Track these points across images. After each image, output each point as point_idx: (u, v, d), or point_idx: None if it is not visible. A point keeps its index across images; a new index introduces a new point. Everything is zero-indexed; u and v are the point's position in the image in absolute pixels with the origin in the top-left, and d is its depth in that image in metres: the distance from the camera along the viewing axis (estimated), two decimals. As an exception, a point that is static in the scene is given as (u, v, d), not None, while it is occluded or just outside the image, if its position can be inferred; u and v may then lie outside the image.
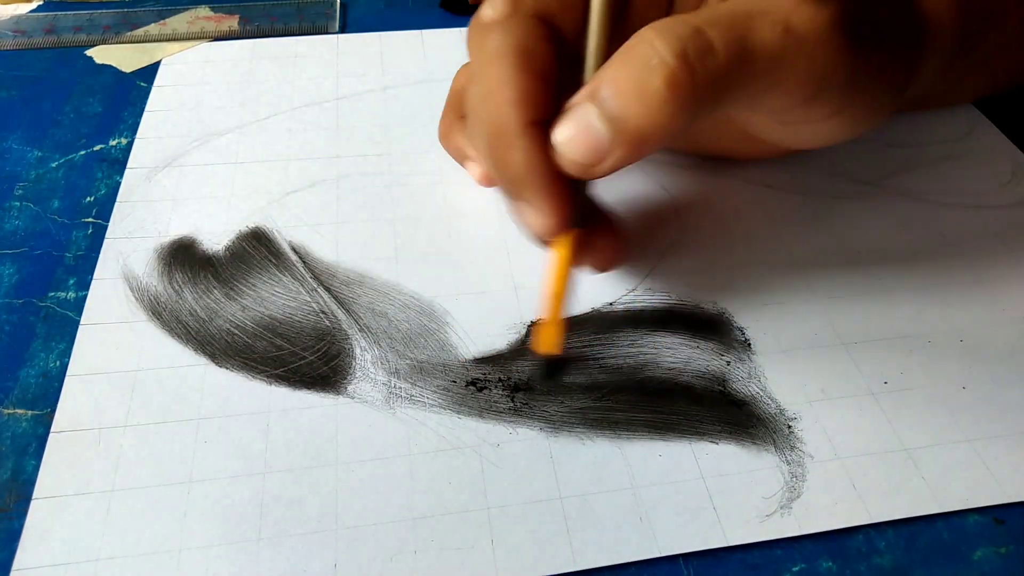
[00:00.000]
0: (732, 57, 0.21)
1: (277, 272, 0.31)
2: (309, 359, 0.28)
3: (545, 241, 0.26)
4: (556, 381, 0.28)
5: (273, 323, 0.29)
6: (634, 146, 0.22)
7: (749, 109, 0.24)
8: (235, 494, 0.25)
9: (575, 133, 0.22)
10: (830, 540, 0.25)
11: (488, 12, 0.24)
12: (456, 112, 0.32)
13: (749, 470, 0.26)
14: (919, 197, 0.36)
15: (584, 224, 0.26)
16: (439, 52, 0.44)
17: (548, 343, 0.27)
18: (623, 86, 0.21)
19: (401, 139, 0.38)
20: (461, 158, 0.33)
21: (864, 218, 0.35)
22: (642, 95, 0.21)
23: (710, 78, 0.21)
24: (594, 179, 0.24)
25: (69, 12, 0.45)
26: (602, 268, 0.28)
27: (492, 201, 0.34)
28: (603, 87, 0.21)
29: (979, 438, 0.27)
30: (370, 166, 0.36)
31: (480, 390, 0.28)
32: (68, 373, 0.28)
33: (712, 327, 0.30)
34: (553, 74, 0.23)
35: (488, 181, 0.32)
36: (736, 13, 0.21)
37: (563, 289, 0.26)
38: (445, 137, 0.33)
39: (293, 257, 0.32)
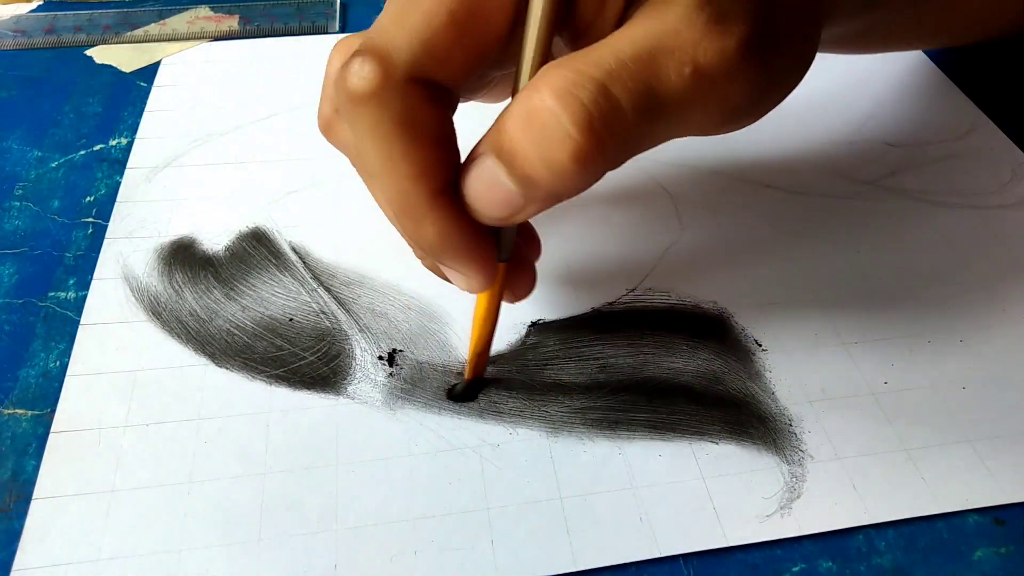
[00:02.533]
0: (641, 114, 0.19)
1: (277, 272, 0.31)
2: (309, 359, 0.28)
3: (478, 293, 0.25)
4: (468, 400, 0.28)
5: (273, 323, 0.29)
6: (548, 203, 0.21)
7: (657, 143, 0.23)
8: (235, 495, 0.25)
9: (485, 191, 0.21)
10: (830, 540, 0.25)
11: (356, 83, 0.20)
12: (333, 103, 0.27)
13: (749, 470, 0.26)
14: (919, 197, 0.36)
15: (508, 258, 0.25)
16: (439, 52, 0.44)
17: (474, 371, 0.27)
18: (528, 149, 0.19)
19: (401, 139, 0.38)
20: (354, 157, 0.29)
21: (864, 218, 0.35)
22: (549, 164, 0.19)
23: (619, 140, 0.19)
24: (515, 224, 0.23)
25: (69, 12, 0.45)
26: (516, 299, 0.27)
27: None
28: (506, 142, 0.20)
29: (979, 438, 0.27)
30: (370, 166, 0.36)
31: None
32: (68, 373, 0.28)
33: (712, 327, 0.30)
34: (447, 134, 0.22)
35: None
36: (640, 56, 0.20)
37: (494, 321, 0.26)
38: (328, 130, 0.27)
39: (293, 257, 0.32)
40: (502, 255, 0.24)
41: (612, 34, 0.20)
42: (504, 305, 0.31)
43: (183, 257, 0.32)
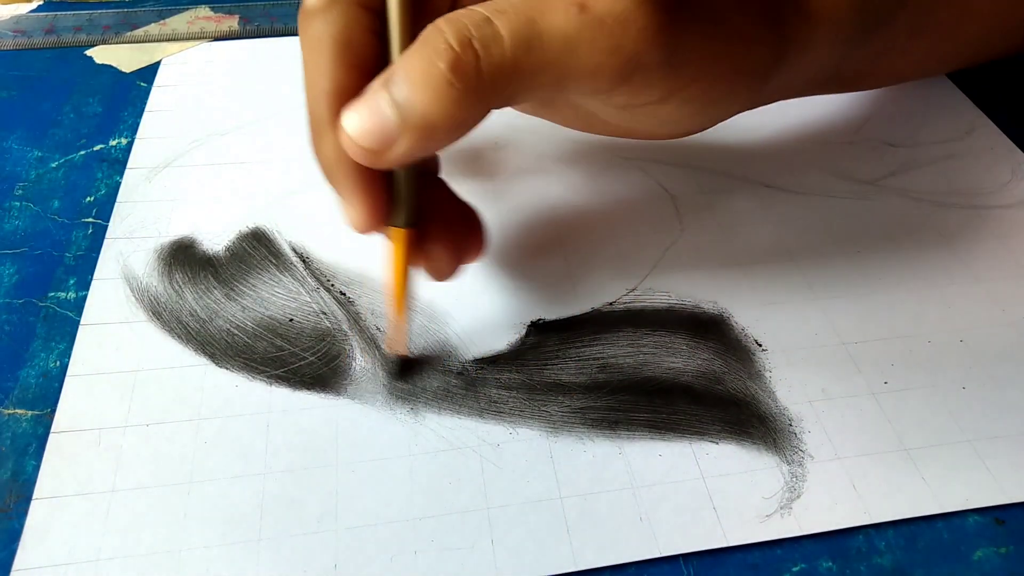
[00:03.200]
0: (519, 43, 0.20)
1: (277, 272, 0.31)
2: (309, 360, 0.28)
3: (363, 233, 0.26)
4: (407, 382, 0.28)
5: (273, 323, 0.29)
6: (421, 135, 0.21)
7: (559, 95, 0.23)
8: (235, 495, 0.25)
9: (365, 118, 0.21)
10: (830, 540, 0.25)
11: None
12: None
13: (749, 470, 0.26)
14: (919, 197, 0.36)
15: (414, 224, 0.25)
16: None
17: (394, 344, 0.27)
18: (412, 74, 0.21)
19: (401, 139, 0.38)
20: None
21: (864, 218, 0.35)
22: (428, 82, 0.20)
23: (496, 66, 0.20)
24: (383, 168, 0.23)
25: (69, 12, 0.45)
26: (437, 277, 0.27)
27: (491, 201, 0.34)
28: (396, 73, 0.21)
29: (979, 438, 0.27)
30: (370, 166, 0.36)
31: (479, 389, 0.28)
32: (68, 373, 0.28)
33: (712, 327, 0.30)
34: (374, 65, 0.23)
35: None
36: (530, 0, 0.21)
37: (401, 290, 0.26)
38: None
39: (293, 257, 0.32)
40: (403, 218, 0.25)
41: None
42: (504, 305, 0.31)
43: (183, 257, 0.32)
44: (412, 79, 0.20)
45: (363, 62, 0.23)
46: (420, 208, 0.25)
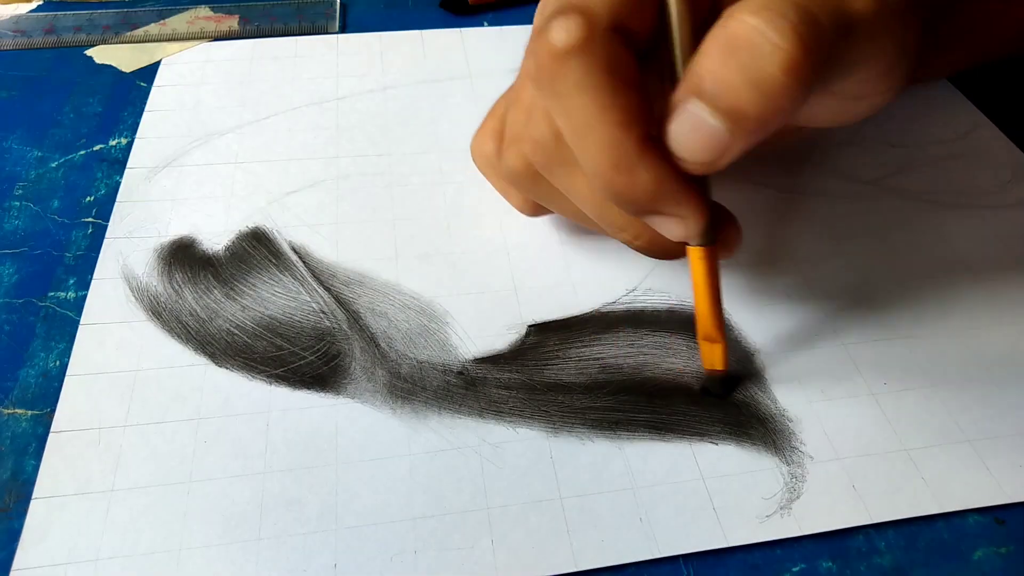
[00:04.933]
0: (838, 28, 0.20)
1: (277, 272, 0.31)
2: (309, 359, 0.28)
3: (678, 252, 0.26)
4: (726, 396, 0.28)
5: (273, 323, 0.29)
6: (756, 134, 0.21)
7: (841, 83, 0.23)
8: (235, 494, 0.25)
9: (690, 133, 0.21)
10: (830, 540, 0.25)
11: (561, 37, 0.21)
12: (498, 138, 0.29)
13: (749, 470, 0.26)
14: (919, 197, 0.36)
15: (715, 238, 0.25)
16: (439, 52, 0.44)
17: (710, 360, 0.27)
18: (732, 78, 0.20)
19: (401, 139, 0.38)
20: (504, 190, 0.32)
21: (864, 218, 0.35)
22: (758, 84, 0.20)
23: (823, 54, 0.20)
24: (715, 171, 0.23)
25: (69, 12, 0.45)
26: (729, 254, 0.27)
27: (492, 201, 0.34)
28: (707, 81, 0.20)
29: (979, 438, 0.27)
30: (370, 166, 0.36)
31: (479, 389, 0.28)
32: (68, 373, 0.28)
33: (712, 327, 0.30)
34: (644, 82, 0.22)
35: (534, 210, 0.31)
36: None
37: (716, 303, 0.26)
38: (488, 166, 0.30)
39: (293, 257, 0.32)
40: (709, 234, 0.24)
41: None
42: (504, 305, 0.31)
43: (183, 257, 0.32)
44: (735, 86, 0.20)
45: (637, 83, 0.22)
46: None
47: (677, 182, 0.22)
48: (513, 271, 0.32)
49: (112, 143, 0.37)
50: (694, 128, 0.21)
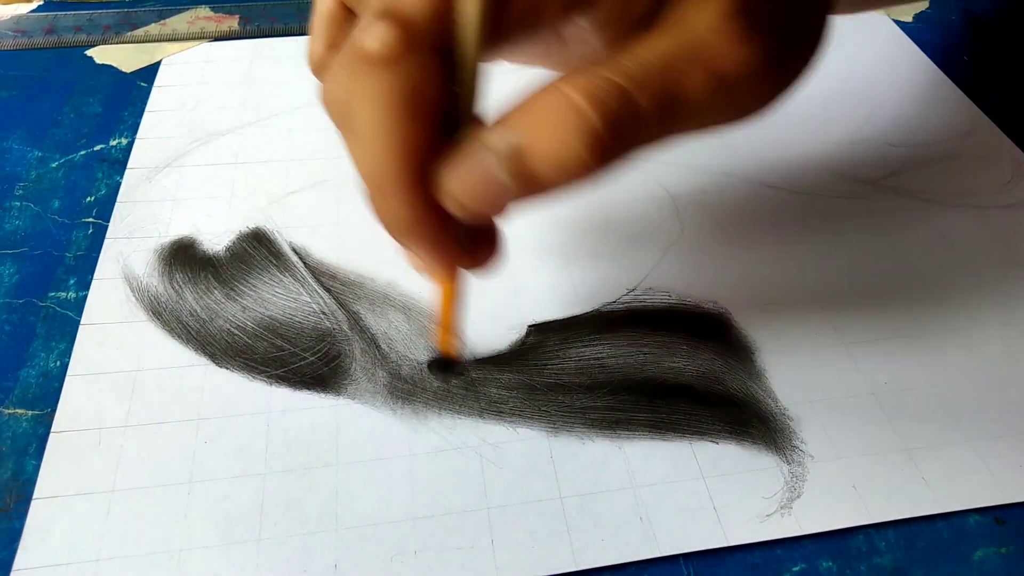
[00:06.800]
0: (662, 118, 0.20)
1: (278, 273, 0.31)
2: (310, 360, 0.28)
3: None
4: (445, 379, 0.28)
5: (274, 324, 0.29)
6: (539, 198, 0.20)
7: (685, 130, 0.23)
8: (235, 494, 0.25)
9: (474, 183, 0.20)
10: (830, 540, 0.25)
11: (374, 46, 0.19)
12: (327, 39, 0.25)
13: (749, 470, 0.26)
14: (919, 197, 0.36)
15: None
16: (439, 52, 0.44)
17: (442, 345, 0.27)
18: (542, 148, 0.19)
19: (401, 139, 0.38)
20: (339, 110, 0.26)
21: (864, 218, 0.35)
22: (561, 160, 0.19)
23: (631, 142, 0.20)
24: (482, 221, 0.22)
25: (69, 12, 0.45)
26: (482, 275, 0.26)
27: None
28: (517, 140, 0.20)
29: (979, 438, 0.27)
30: (370, 166, 0.36)
31: (479, 389, 0.28)
32: (68, 373, 0.28)
33: (712, 327, 0.30)
34: (440, 115, 0.21)
35: None
36: (666, 66, 0.20)
37: (451, 312, 0.26)
38: (320, 72, 0.25)
39: (294, 258, 0.32)
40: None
41: (639, 41, 0.20)
42: (504, 305, 0.31)
43: (183, 257, 0.32)
44: (542, 156, 0.19)
45: (434, 117, 0.21)
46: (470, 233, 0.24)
47: (430, 226, 0.21)
48: (513, 271, 0.32)
49: (112, 143, 0.37)
50: (479, 177, 0.20)
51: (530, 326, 0.30)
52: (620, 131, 0.19)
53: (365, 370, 0.28)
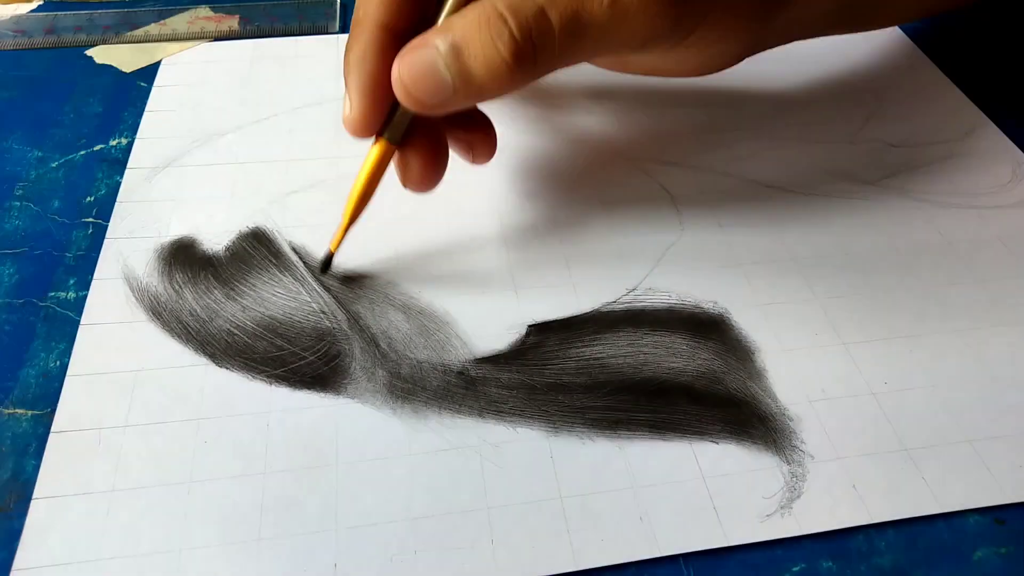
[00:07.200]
0: (567, 35, 0.24)
1: (277, 272, 0.31)
2: (309, 359, 0.28)
3: (353, 135, 0.27)
4: (324, 272, 0.31)
5: (273, 323, 0.29)
6: (474, 98, 0.25)
7: (586, 61, 0.27)
8: (235, 494, 0.25)
9: (422, 72, 0.24)
10: (830, 540, 0.25)
11: None
12: None
13: (749, 470, 0.26)
14: (919, 197, 0.36)
15: (399, 143, 0.28)
16: (439, 52, 0.44)
17: (334, 239, 0.30)
18: (474, 49, 0.23)
19: (401, 139, 0.38)
20: None
21: (864, 218, 0.35)
22: (489, 61, 0.23)
23: (548, 53, 0.24)
24: (424, 113, 0.25)
25: (69, 12, 0.45)
26: (414, 188, 0.29)
27: (492, 201, 0.35)
28: (455, 39, 0.24)
29: (979, 438, 0.27)
30: (370, 166, 0.36)
31: (479, 389, 0.28)
32: (68, 373, 0.28)
33: (712, 327, 0.30)
34: (420, 10, 0.26)
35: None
36: None
37: (361, 193, 0.28)
38: None
39: (293, 258, 0.32)
40: (391, 135, 0.27)
41: None
42: (505, 304, 0.31)
43: (183, 257, 0.32)
44: (474, 56, 0.23)
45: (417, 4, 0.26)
46: (410, 131, 0.28)
47: (369, 75, 0.26)
48: (513, 271, 0.32)
49: (112, 143, 0.37)
50: (427, 68, 0.24)
51: (530, 326, 0.30)
52: (535, 40, 0.23)
53: (365, 369, 0.28)
